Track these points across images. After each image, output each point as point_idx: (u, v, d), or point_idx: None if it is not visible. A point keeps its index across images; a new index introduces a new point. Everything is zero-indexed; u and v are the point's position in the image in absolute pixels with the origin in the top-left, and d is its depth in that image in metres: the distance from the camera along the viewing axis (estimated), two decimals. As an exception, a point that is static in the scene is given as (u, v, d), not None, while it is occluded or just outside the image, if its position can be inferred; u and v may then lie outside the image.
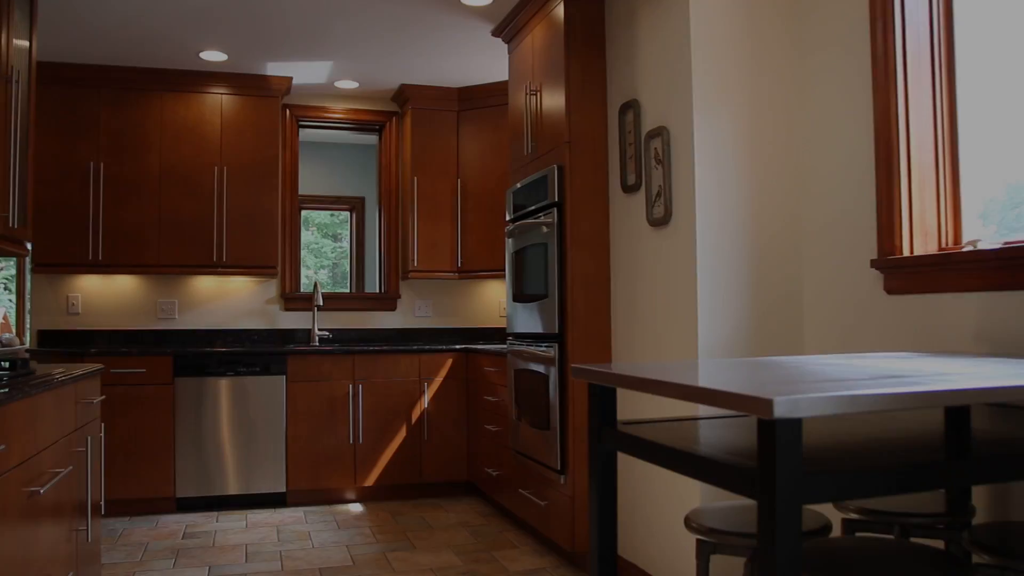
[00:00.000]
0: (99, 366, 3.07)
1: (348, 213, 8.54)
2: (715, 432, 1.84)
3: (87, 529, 2.75)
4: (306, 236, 11.11)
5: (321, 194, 7.91)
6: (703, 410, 2.68)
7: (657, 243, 3.27)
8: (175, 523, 4.41)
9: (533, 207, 3.96)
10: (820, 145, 2.98)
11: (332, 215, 10.56)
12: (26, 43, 3.18)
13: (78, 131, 4.92)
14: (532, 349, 3.90)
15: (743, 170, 3.04)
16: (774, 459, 1.27)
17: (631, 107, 3.46)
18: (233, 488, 4.71)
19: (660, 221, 3.21)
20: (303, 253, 10.87)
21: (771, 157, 3.07)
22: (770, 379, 1.54)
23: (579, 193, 3.65)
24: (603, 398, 1.86)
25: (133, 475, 4.56)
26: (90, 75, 4.94)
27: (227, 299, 5.43)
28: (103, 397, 3.06)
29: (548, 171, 3.76)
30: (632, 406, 3.31)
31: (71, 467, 2.51)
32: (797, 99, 3.09)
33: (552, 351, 3.67)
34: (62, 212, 4.87)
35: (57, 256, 4.86)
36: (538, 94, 4.00)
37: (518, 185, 4.19)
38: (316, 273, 10.93)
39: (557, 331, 3.65)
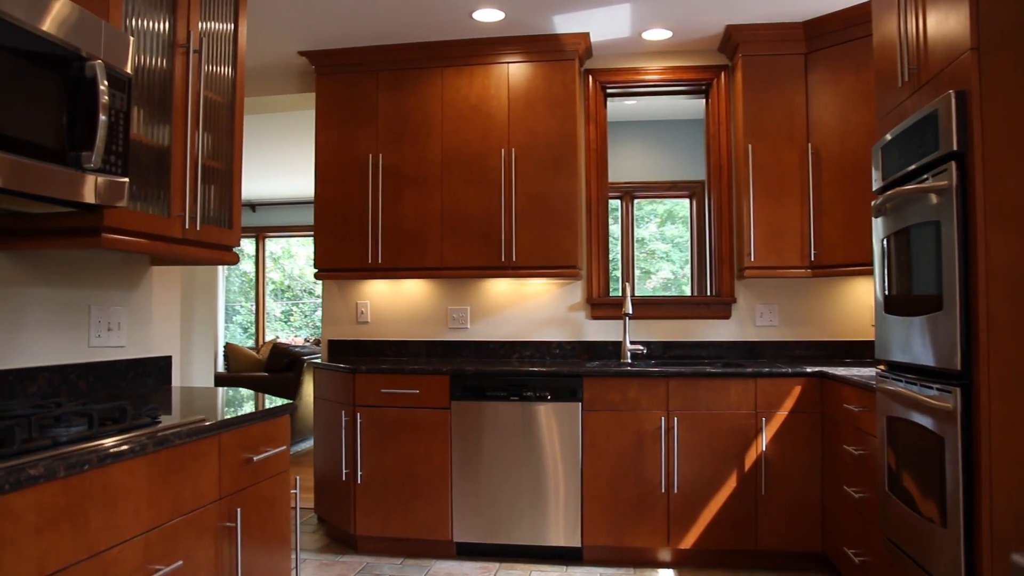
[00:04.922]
0: (285, 403, 2.36)
1: (687, 200, 7.39)
2: None
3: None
4: (673, 230, 10.11)
5: (652, 180, 6.87)
6: None
7: None
8: (446, 574, 3.69)
9: (914, 166, 2.52)
10: None
11: (691, 209, 9.40)
12: (230, 25, 2.69)
13: (357, 121, 4.45)
14: (914, 391, 2.48)
15: None
16: None
17: (1103, -32, 1.91)
18: (519, 537, 3.87)
19: None
20: (667, 248, 9.89)
21: None
22: None
23: (998, 133, 2.16)
24: None
25: (409, 512, 3.93)
26: (365, 58, 4.44)
27: (524, 305, 4.63)
28: (283, 448, 2.34)
29: (939, 104, 2.31)
30: None
31: (180, 562, 1.77)
32: None
33: (950, 400, 2.23)
34: (344, 211, 4.44)
35: (340, 260, 4.44)
36: (921, -10, 2.55)
37: (889, 136, 2.76)
38: (676, 274, 9.84)
39: (959, 367, 2.20)
